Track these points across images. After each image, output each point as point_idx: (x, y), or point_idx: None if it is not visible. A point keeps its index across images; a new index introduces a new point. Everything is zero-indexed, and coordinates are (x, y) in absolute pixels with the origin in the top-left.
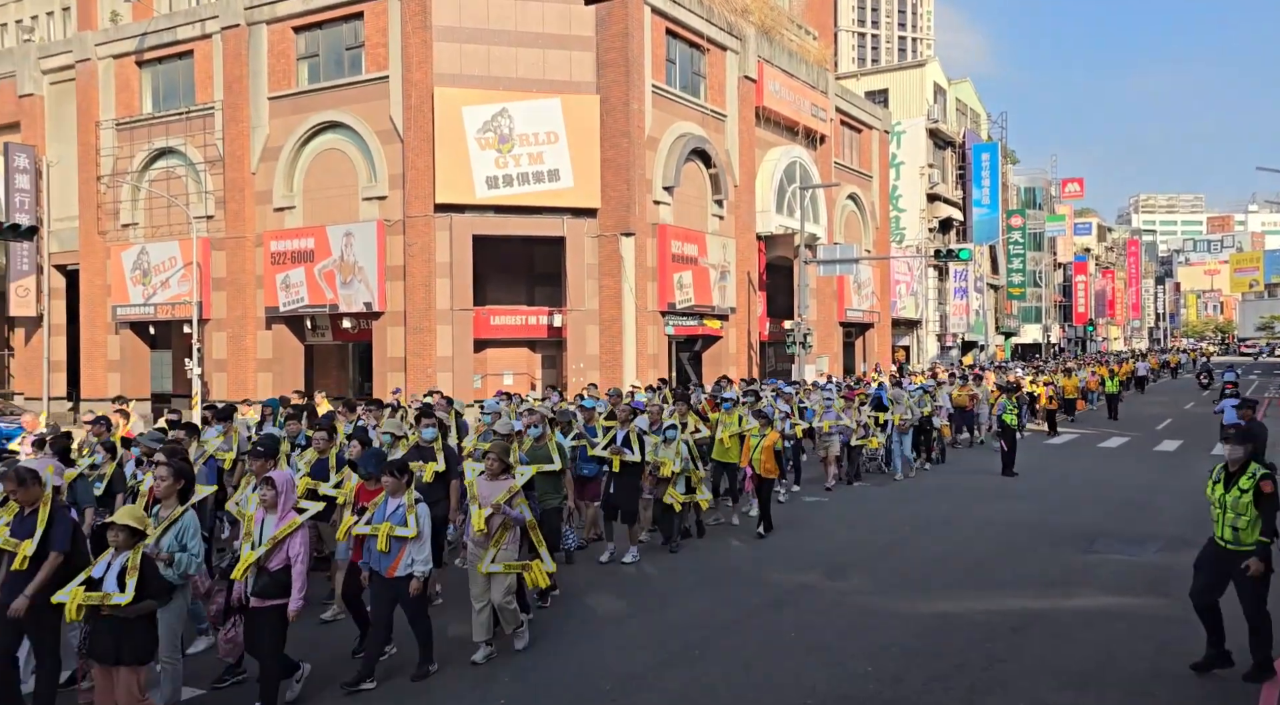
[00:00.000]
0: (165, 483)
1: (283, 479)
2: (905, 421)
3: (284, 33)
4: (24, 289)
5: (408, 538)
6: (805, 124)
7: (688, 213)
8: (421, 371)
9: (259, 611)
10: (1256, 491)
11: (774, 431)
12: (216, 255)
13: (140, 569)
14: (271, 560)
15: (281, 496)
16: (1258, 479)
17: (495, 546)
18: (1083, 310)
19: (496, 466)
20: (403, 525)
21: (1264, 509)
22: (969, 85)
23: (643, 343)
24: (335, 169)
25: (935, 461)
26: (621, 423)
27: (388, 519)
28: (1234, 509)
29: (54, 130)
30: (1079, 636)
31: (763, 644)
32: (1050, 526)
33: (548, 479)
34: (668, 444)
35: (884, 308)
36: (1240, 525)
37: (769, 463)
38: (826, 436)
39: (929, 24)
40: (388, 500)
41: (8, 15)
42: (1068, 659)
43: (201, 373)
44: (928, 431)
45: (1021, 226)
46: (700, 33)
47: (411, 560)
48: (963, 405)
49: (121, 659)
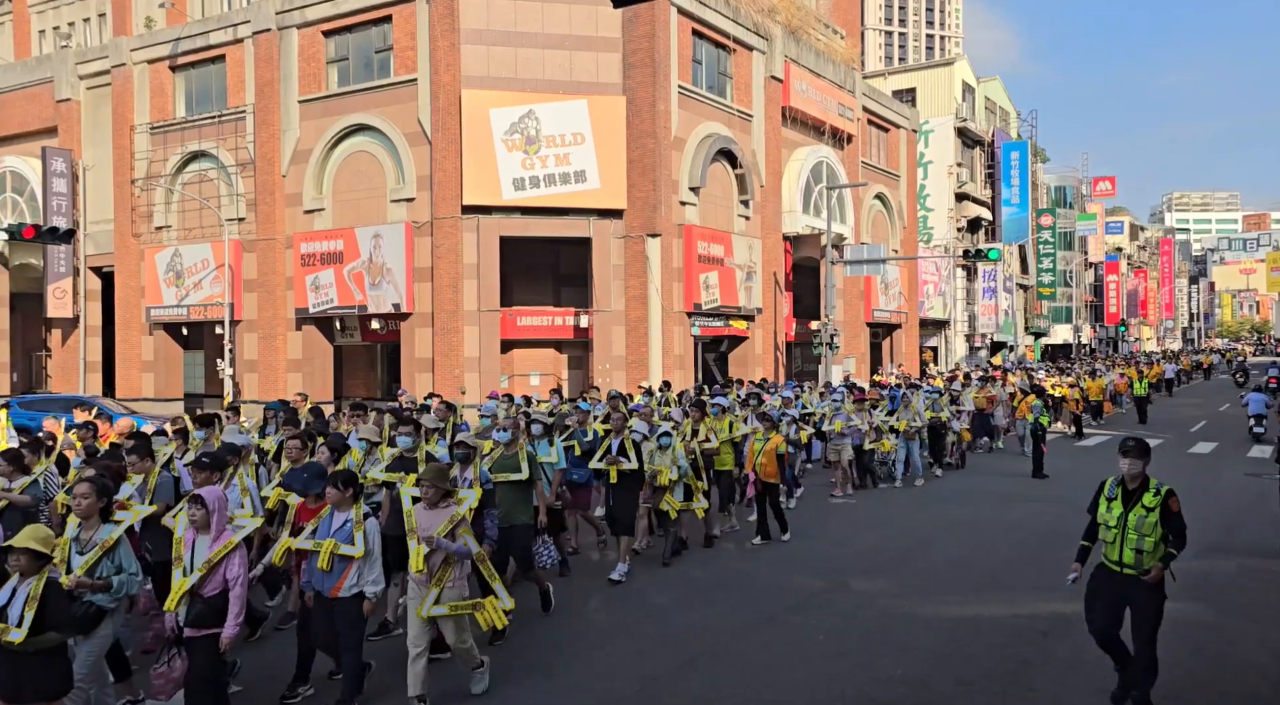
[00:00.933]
0: (86, 501)
1: (213, 497)
2: (911, 426)
3: (314, 37)
4: (61, 291)
5: (353, 557)
6: (832, 124)
7: (714, 213)
8: (449, 372)
9: (194, 642)
10: (1163, 509)
11: (777, 435)
12: (248, 257)
13: (42, 599)
14: (206, 585)
15: (213, 516)
16: (1164, 496)
17: (438, 585)
18: (1114, 310)
19: (433, 494)
20: (349, 543)
21: (1171, 528)
22: (998, 83)
23: (669, 343)
24: (364, 171)
25: (955, 466)
26: (615, 431)
27: (332, 535)
28: (1138, 529)
29: (90, 134)
30: None
31: (786, 648)
32: (1079, 530)
33: (514, 491)
34: (663, 451)
35: (911, 308)
36: (1146, 548)
37: (771, 466)
38: (839, 440)
39: (957, 22)
40: (333, 514)
41: (46, 22)
42: (1100, 664)
43: (233, 373)
44: (941, 436)
45: (1052, 226)
46: (726, 33)
47: (359, 579)
48: (980, 407)
49: (21, 697)
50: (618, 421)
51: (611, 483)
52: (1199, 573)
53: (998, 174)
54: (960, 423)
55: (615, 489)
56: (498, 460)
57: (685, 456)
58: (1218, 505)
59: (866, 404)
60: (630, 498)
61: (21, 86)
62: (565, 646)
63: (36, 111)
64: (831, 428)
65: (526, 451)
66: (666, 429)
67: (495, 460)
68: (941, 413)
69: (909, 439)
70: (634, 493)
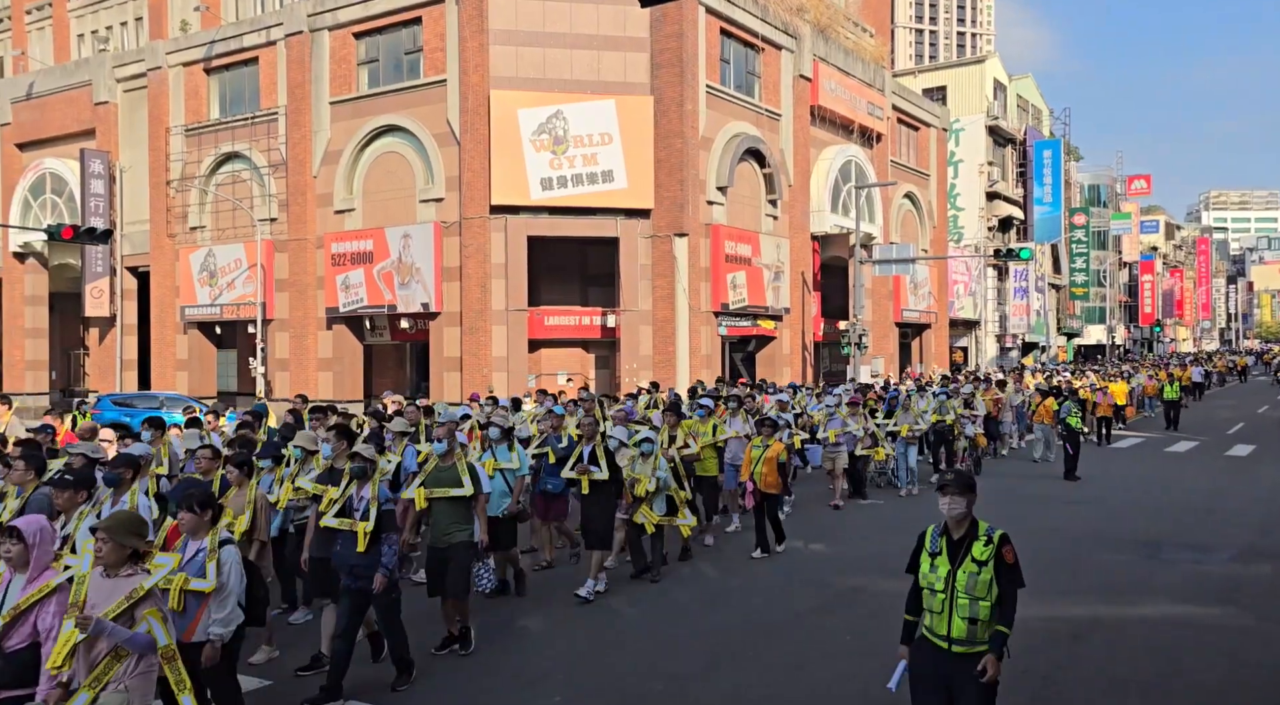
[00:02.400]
0: None
1: (33, 528)
2: (913, 431)
3: (345, 39)
4: (98, 290)
5: (204, 592)
6: (861, 122)
7: (741, 213)
8: (477, 371)
9: None
10: (997, 562)
11: (778, 442)
12: (279, 257)
13: None
14: (11, 636)
15: (33, 551)
16: (997, 544)
17: (93, 688)
18: (1149, 310)
19: (109, 553)
20: (200, 576)
21: (1005, 586)
22: (1030, 81)
23: (696, 343)
24: (394, 172)
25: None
26: (586, 437)
27: (183, 569)
28: (969, 592)
29: (127, 136)
30: (1144, 645)
31: (813, 647)
32: (1112, 532)
33: (453, 508)
34: (645, 459)
35: (941, 308)
36: (981, 615)
37: (772, 476)
38: (834, 448)
39: (989, 19)
40: (187, 543)
41: (84, 26)
42: (1133, 668)
43: (265, 372)
44: (948, 441)
45: (1085, 225)
46: (755, 32)
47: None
48: (987, 411)
49: None
50: (588, 427)
51: (584, 493)
52: (1234, 577)
53: (1030, 172)
54: (975, 427)
55: (587, 500)
56: (432, 474)
57: (667, 465)
58: (1256, 508)
59: (863, 408)
60: (603, 509)
61: (61, 90)
62: (586, 648)
63: (75, 114)
64: (825, 436)
65: (468, 463)
66: (647, 434)
67: (430, 474)
68: (948, 416)
69: (908, 443)
70: (608, 504)
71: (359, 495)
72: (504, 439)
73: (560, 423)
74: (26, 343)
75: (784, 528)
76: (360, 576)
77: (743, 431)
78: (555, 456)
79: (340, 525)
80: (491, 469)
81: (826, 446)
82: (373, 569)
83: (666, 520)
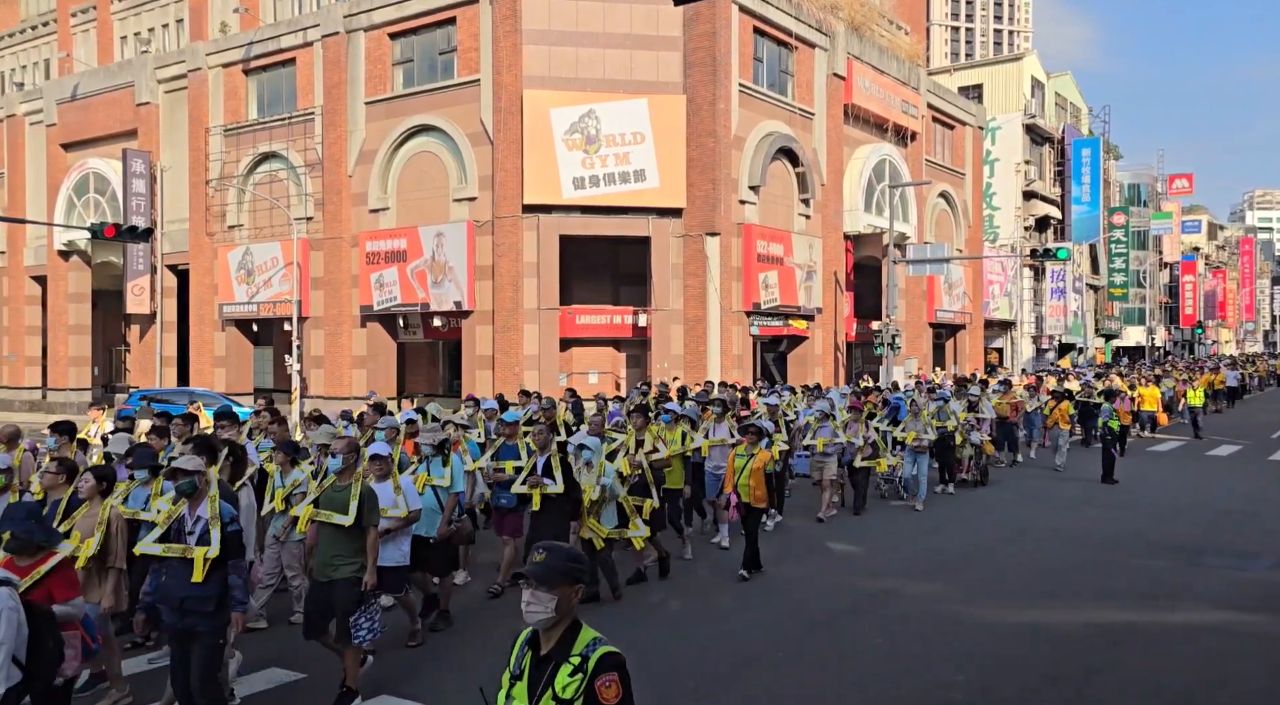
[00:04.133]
0: None
1: None
2: (921, 439)
3: (381, 39)
4: (139, 288)
5: None
6: (895, 121)
7: (774, 212)
8: (509, 370)
9: None
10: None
11: (764, 451)
12: (315, 255)
13: None
14: None
15: None
16: (591, 675)
17: None
18: (1190, 312)
19: None
20: None
21: None
22: (1069, 78)
23: (727, 343)
24: (427, 171)
25: (972, 483)
26: (540, 447)
27: None
28: None
29: (167, 136)
30: (1183, 653)
31: (843, 651)
32: (1149, 537)
33: (336, 538)
34: (588, 469)
35: (976, 309)
36: None
37: (759, 489)
38: (822, 456)
39: (1027, 16)
40: None
41: (127, 28)
42: (1171, 676)
43: (300, 369)
44: (950, 449)
45: (1124, 224)
46: (789, 30)
47: None
48: (1003, 416)
49: None
50: (540, 436)
51: (534, 509)
52: (1275, 583)
53: (1068, 171)
54: (980, 434)
55: (537, 517)
56: (325, 494)
57: (631, 471)
58: None
59: (862, 415)
60: (555, 528)
61: (104, 91)
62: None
63: (118, 115)
64: (813, 443)
65: (367, 488)
66: (584, 441)
67: (324, 493)
68: (948, 422)
69: (918, 453)
70: (562, 523)
71: (192, 515)
72: (437, 452)
73: (515, 431)
74: (70, 339)
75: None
76: (191, 612)
77: (728, 439)
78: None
79: (166, 552)
80: (422, 485)
81: (814, 455)
82: (209, 603)
83: (617, 533)
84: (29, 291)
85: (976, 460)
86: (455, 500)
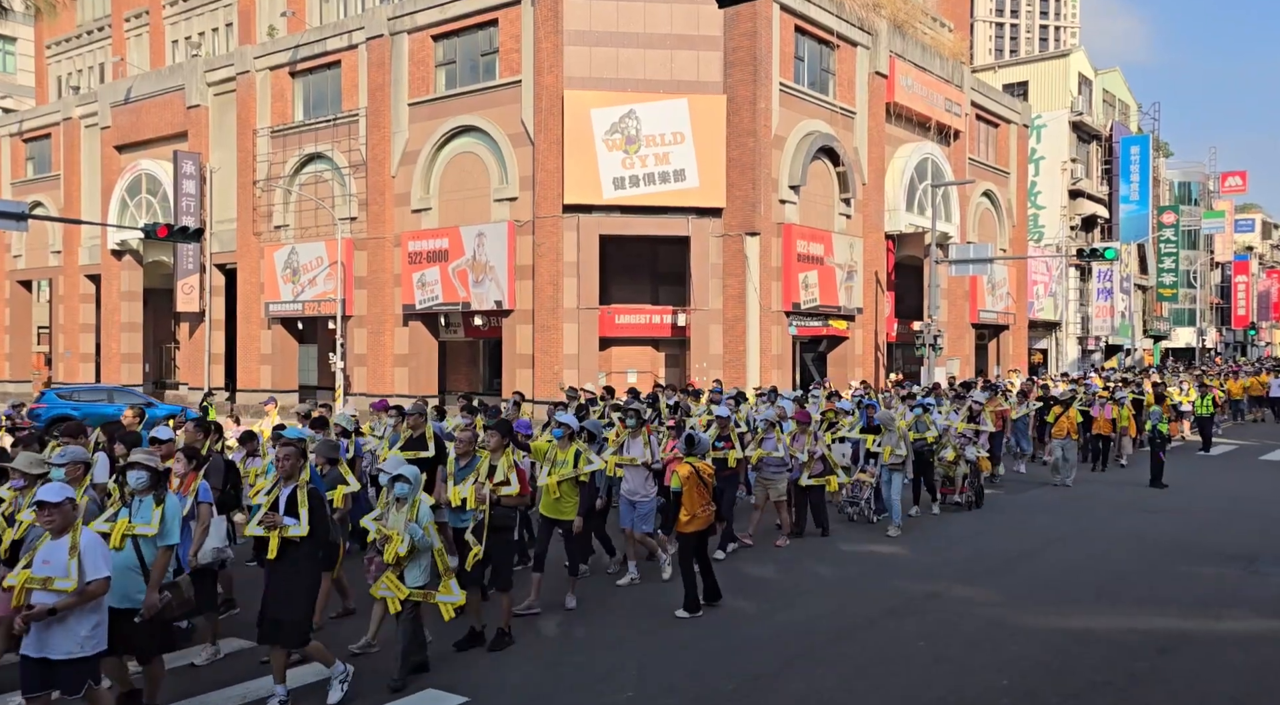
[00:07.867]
0: None
1: None
2: (896, 455)
3: (423, 41)
4: (189, 287)
5: None
6: (938, 119)
7: (814, 211)
8: (548, 368)
9: None
10: None
11: (701, 461)
12: (359, 255)
13: None
14: None
15: None
16: None
17: None
18: (1243, 313)
19: None
20: None
21: None
22: (1118, 75)
23: (766, 343)
24: (469, 171)
25: (965, 506)
26: (285, 476)
27: None
28: None
29: (216, 138)
30: (1234, 662)
31: (885, 653)
32: (1199, 543)
33: None
34: (399, 505)
35: (1020, 309)
36: None
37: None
38: (769, 471)
39: (1074, 11)
40: None
41: (178, 33)
42: (1222, 684)
43: (344, 367)
44: (929, 465)
45: (1174, 224)
46: (830, 29)
47: None
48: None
49: None
50: (286, 463)
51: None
52: None
53: (1115, 169)
54: (977, 449)
55: (275, 567)
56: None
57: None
58: None
59: (809, 427)
60: (297, 580)
61: (156, 94)
62: (656, 648)
63: (169, 117)
64: (748, 455)
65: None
66: (401, 471)
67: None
68: (927, 433)
69: (891, 469)
70: (307, 573)
71: None
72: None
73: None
74: (122, 336)
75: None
76: None
77: (640, 458)
78: None
79: None
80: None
81: (761, 470)
82: None
83: (422, 595)
84: (84, 290)
85: (972, 480)
86: (167, 557)
